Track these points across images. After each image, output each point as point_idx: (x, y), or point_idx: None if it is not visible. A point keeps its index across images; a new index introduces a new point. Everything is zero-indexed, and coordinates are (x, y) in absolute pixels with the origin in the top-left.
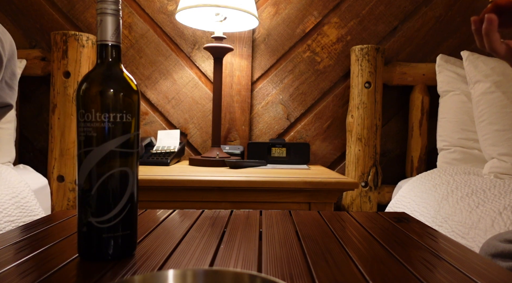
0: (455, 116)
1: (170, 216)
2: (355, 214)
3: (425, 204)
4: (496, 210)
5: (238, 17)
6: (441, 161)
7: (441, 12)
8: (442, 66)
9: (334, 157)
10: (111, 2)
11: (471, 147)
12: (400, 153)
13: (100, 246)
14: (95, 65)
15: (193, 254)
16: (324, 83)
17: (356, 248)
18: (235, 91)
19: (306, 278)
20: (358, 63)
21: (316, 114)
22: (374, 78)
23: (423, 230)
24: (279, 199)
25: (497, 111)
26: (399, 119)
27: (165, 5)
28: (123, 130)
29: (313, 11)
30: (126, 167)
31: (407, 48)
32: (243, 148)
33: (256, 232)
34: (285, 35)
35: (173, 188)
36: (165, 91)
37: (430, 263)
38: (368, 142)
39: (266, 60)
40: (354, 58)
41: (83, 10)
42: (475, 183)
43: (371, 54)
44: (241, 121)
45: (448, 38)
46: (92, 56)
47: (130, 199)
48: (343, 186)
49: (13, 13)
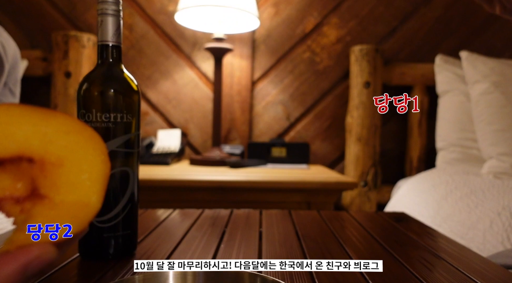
0: (454, 116)
1: (170, 215)
2: (354, 214)
3: (425, 204)
4: (495, 211)
5: (238, 18)
6: (440, 161)
7: (440, 13)
8: (441, 66)
9: (333, 157)
10: (112, 2)
11: (470, 147)
12: (400, 153)
13: (100, 246)
14: (96, 66)
15: (193, 254)
16: (324, 83)
17: (355, 248)
18: (235, 91)
19: (306, 278)
20: (357, 64)
21: (316, 114)
22: (374, 79)
23: (422, 230)
24: (279, 199)
25: (496, 111)
26: (398, 119)
27: (166, 6)
28: (124, 130)
29: (313, 12)
30: (126, 167)
31: (407, 48)
32: (243, 148)
33: (256, 232)
34: (285, 35)
35: (173, 188)
36: (166, 91)
37: (429, 262)
38: (368, 142)
39: (266, 61)
40: (354, 58)
41: (84, 11)
42: (474, 183)
43: (370, 55)
44: (241, 121)
45: (447, 38)
46: (93, 56)
47: (130, 199)
48: (342, 186)
49: (14, 14)
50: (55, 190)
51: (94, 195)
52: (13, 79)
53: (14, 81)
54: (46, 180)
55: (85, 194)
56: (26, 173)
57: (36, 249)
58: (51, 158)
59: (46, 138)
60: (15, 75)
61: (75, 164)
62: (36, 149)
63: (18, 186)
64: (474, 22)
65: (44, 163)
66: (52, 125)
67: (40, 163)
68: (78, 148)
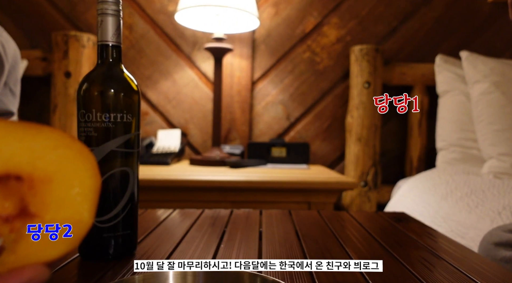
0: (454, 116)
1: (170, 215)
2: (354, 214)
3: (425, 204)
4: (495, 210)
5: (238, 18)
6: (440, 161)
7: (440, 13)
8: (441, 66)
9: (333, 157)
10: (112, 2)
11: (470, 147)
12: (400, 153)
13: (100, 246)
14: (96, 65)
15: (193, 254)
16: (324, 83)
17: (355, 248)
18: (235, 91)
19: (306, 278)
20: (357, 64)
21: (316, 114)
22: (374, 78)
23: (422, 230)
24: (279, 199)
25: (496, 111)
26: (398, 119)
27: (166, 6)
28: (124, 130)
29: (313, 12)
30: (126, 167)
31: (407, 48)
32: (243, 148)
33: (256, 232)
34: (285, 35)
35: (173, 188)
36: (166, 91)
37: (429, 262)
38: (368, 142)
39: (266, 61)
40: (354, 58)
41: (84, 11)
42: (474, 183)
43: (370, 55)
44: (241, 121)
45: (447, 38)
46: (93, 56)
47: (130, 199)
48: (342, 185)
49: (14, 14)
50: (45, 208)
51: (86, 212)
52: (13, 79)
53: (15, 81)
54: (35, 198)
55: (76, 210)
56: (15, 191)
57: (29, 271)
58: (39, 175)
59: (34, 154)
60: (15, 75)
61: (65, 180)
62: (24, 166)
63: (6, 205)
64: (474, 22)
65: (32, 180)
66: (39, 140)
67: (29, 180)
68: (67, 163)
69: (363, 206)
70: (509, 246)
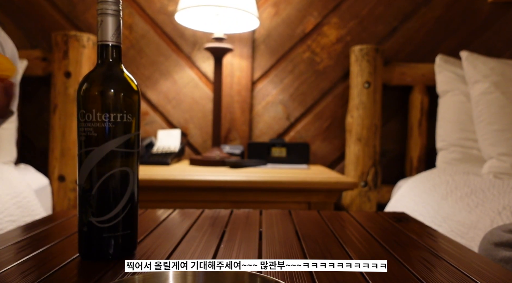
0: (454, 116)
1: (170, 215)
2: (354, 214)
3: (425, 204)
4: (495, 210)
5: (238, 18)
6: (441, 161)
7: (440, 13)
8: (441, 66)
9: (333, 157)
10: (112, 2)
11: (470, 147)
12: (400, 153)
13: (100, 246)
14: (96, 65)
15: (193, 254)
16: (324, 83)
17: (355, 248)
18: (235, 91)
19: (306, 278)
20: (357, 64)
21: (316, 114)
22: (374, 78)
23: (422, 230)
24: (279, 199)
25: (496, 111)
26: (398, 119)
27: (166, 6)
28: (124, 130)
29: (313, 12)
30: (126, 167)
31: (407, 48)
32: (243, 148)
33: (256, 232)
34: (285, 35)
35: (173, 188)
36: (166, 91)
37: (429, 262)
38: (368, 142)
39: (266, 61)
40: (354, 58)
41: (83, 11)
42: (474, 183)
43: (370, 55)
44: (241, 121)
45: (447, 38)
46: (93, 56)
47: (130, 199)
48: (342, 185)
49: (14, 14)
50: None
51: None
52: None
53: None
54: None
55: None
56: None
57: None
58: None
59: None
60: None
61: None
62: None
63: None
64: (474, 22)
65: None
66: None
67: None
68: None
69: (363, 206)
70: (509, 246)
